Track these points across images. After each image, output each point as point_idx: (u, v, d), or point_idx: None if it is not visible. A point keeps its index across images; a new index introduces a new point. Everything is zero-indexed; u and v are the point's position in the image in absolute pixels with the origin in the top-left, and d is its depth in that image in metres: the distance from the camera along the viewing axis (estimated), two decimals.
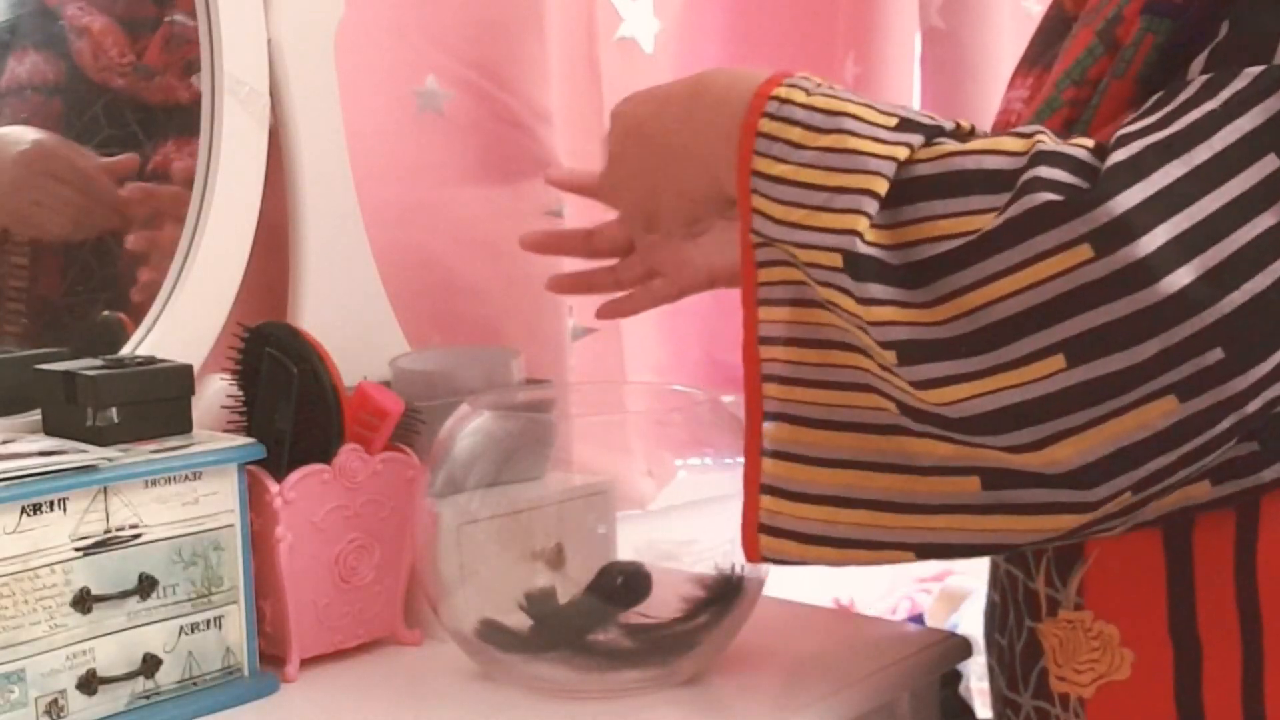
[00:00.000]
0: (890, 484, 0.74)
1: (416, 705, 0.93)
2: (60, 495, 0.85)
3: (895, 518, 0.75)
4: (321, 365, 0.97)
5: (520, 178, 1.32)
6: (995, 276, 0.67)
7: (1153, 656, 0.77)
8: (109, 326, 1.09)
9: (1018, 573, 0.85)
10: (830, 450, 0.76)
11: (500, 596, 0.93)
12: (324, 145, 1.15)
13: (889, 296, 0.69)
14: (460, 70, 1.30)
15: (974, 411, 0.69)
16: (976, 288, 0.68)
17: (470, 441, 0.95)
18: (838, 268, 0.71)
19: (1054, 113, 0.78)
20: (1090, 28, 0.79)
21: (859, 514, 0.75)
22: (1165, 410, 0.66)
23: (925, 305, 0.69)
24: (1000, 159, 0.69)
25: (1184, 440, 0.67)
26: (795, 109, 0.75)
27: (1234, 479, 0.72)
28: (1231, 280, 0.65)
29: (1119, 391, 0.66)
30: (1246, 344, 0.66)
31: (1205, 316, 0.65)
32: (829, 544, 0.77)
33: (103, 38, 1.09)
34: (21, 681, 0.83)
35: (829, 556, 0.78)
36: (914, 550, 0.75)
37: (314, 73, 1.14)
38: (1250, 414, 0.67)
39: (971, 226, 0.68)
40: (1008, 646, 0.87)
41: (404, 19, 1.28)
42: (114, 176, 1.10)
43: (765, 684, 0.93)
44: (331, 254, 1.15)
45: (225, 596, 0.93)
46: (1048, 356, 0.66)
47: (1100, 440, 0.67)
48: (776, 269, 0.77)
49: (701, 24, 1.69)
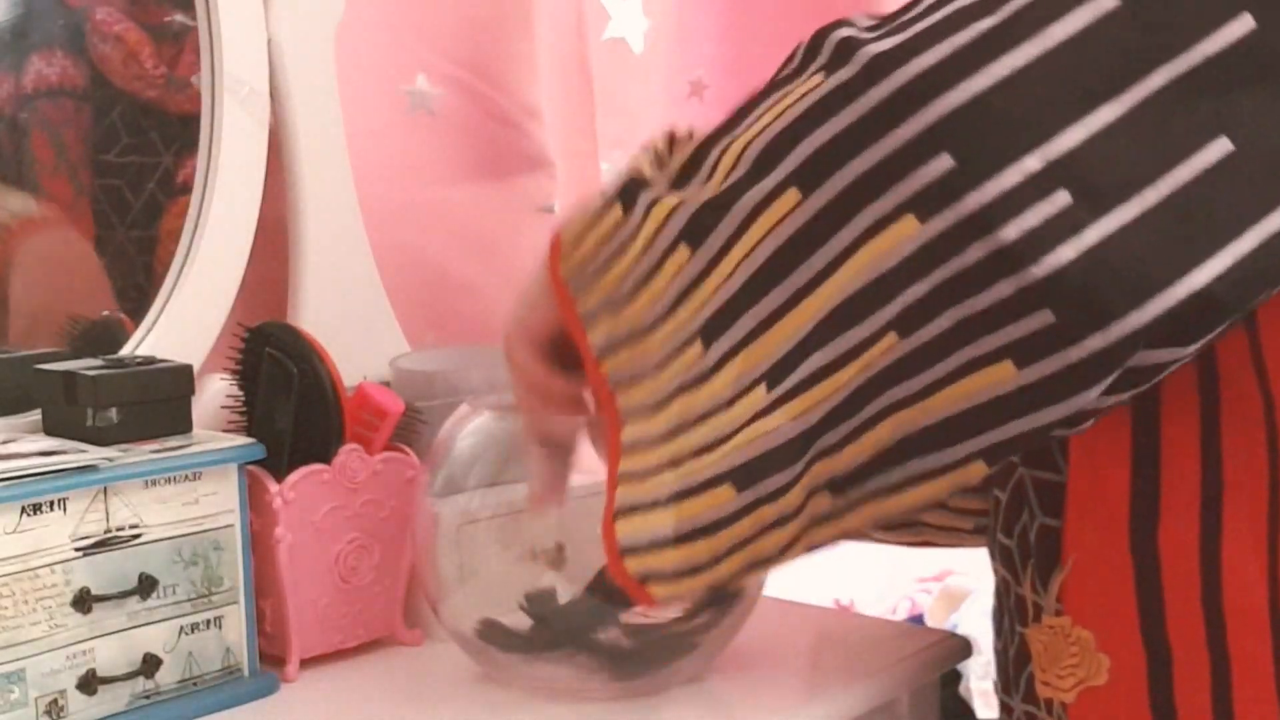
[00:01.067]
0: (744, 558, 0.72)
1: (416, 705, 0.93)
2: (60, 495, 0.85)
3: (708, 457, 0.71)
4: (321, 365, 0.97)
5: (512, 175, 1.32)
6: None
7: (1127, 661, 0.76)
8: (109, 326, 1.09)
9: (1008, 577, 0.85)
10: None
11: (500, 596, 0.93)
12: (324, 145, 1.15)
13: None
14: (450, 69, 1.30)
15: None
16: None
17: (470, 441, 0.95)
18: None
19: None
20: None
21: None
22: (906, 233, 0.64)
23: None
24: None
25: (934, 264, 0.64)
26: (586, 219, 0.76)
27: (1039, 359, 0.65)
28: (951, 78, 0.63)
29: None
30: (977, 149, 0.62)
31: (927, 114, 0.63)
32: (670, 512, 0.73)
33: (139, 48, 1.09)
34: (21, 681, 0.83)
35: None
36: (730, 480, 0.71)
37: (314, 73, 1.14)
38: (1006, 245, 0.62)
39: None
40: (1002, 651, 0.87)
41: (395, 19, 1.28)
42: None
43: (765, 684, 0.94)
44: (331, 254, 1.16)
45: (225, 596, 0.93)
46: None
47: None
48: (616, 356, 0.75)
49: (691, 23, 1.69)
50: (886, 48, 0.64)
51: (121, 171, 1.12)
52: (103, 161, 1.12)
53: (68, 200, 1.11)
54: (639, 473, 0.73)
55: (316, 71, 1.14)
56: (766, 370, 0.69)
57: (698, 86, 1.71)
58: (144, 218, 1.13)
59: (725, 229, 0.69)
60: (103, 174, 1.12)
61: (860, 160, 0.65)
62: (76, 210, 1.11)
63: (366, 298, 1.18)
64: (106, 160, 1.12)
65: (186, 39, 1.12)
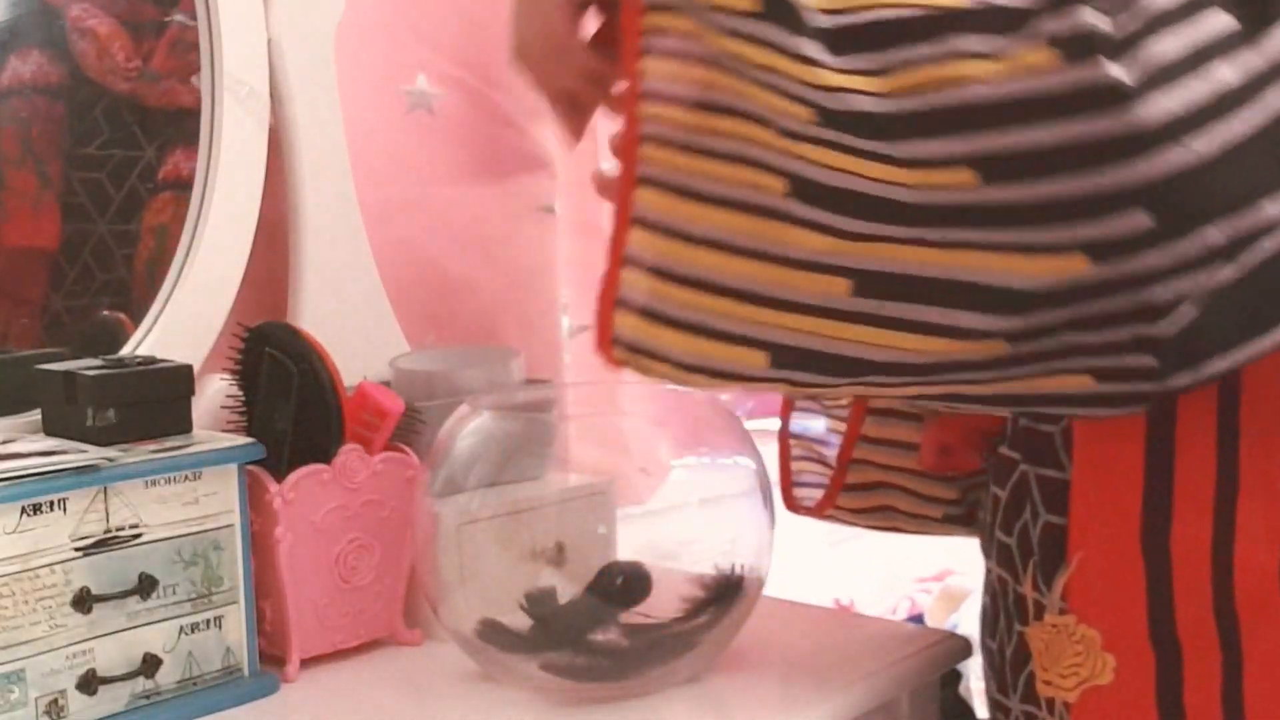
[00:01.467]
0: (758, 272, 0.68)
1: (416, 705, 0.93)
2: (60, 495, 0.85)
3: (756, 310, 0.69)
4: (321, 365, 0.97)
5: (512, 175, 1.32)
6: (955, 57, 0.63)
7: (1134, 661, 0.76)
8: (109, 326, 1.09)
9: (1007, 576, 0.85)
10: (702, 226, 0.69)
11: (500, 596, 0.93)
12: (323, 145, 1.15)
13: (829, 61, 0.64)
14: (450, 69, 1.30)
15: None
16: (932, 64, 0.63)
17: (470, 441, 0.95)
18: (757, 13, 0.65)
19: None
20: None
21: (720, 301, 0.69)
22: (1071, 268, 0.64)
23: (870, 73, 0.64)
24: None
25: (1079, 301, 0.64)
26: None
27: (1118, 381, 0.67)
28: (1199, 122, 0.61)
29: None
30: (1177, 216, 0.62)
31: (1149, 167, 0.61)
32: (682, 328, 0.70)
33: (110, 41, 1.09)
34: (22, 681, 0.83)
35: (677, 344, 0.71)
36: (767, 351, 0.69)
37: (314, 73, 1.14)
38: (1154, 303, 0.64)
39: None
40: (998, 650, 0.87)
41: (394, 19, 1.28)
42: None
43: (765, 684, 0.94)
44: (331, 254, 1.16)
45: (225, 596, 0.93)
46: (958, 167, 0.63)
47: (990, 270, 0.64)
48: (665, 15, 0.69)
49: None
50: (1133, 74, 0.61)
51: (101, 165, 1.12)
52: (80, 155, 1.11)
53: (31, 194, 1.10)
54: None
55: (316, 71, 1.14)
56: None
57: None
58: (125, 212, 1.12)
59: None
60: (80, 168, 1.11)
61: (1058, 184, 0.63)
62: (41, 204, 1.10)
63: (366, 298, 1.18)
64: (85, 154, 1.11)
65: (164, 34, 1.11)
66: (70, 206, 1.11)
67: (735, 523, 0.96)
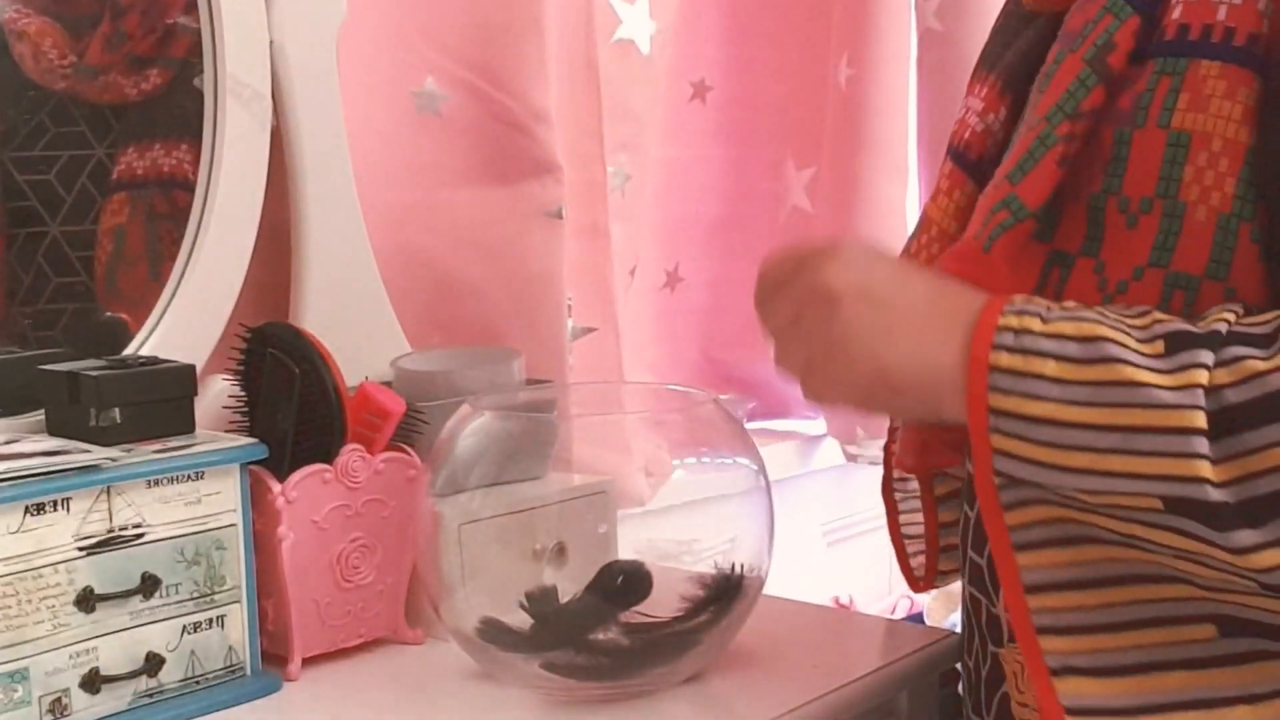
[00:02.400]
0: (1224, 718, 0.70)
1: (418, 704, 0.94)
2: (63, 495, 0.85)
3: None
4: (323, 365, 0.98)
5: (519, 179, 1.32)
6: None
7: None
8: (112, 327, 1.10)
9: (980, 597, 0.85)
10: (1141, 697, 0.70)
11: (501, 596, 0.94)
12: (326, 147, 1.16)
13: (1260, 540, 0.64)
14: (459, 71, 1.30)
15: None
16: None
17: (471, 442, 0.95)
18: (1157, 509, 0.66)
19: (1048, 150, 0.74)
20: (1077, 55, 0.76)
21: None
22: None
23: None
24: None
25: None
26: (1039, 339, 0.68)
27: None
28: None
29: None
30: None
31: None
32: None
33: (40, 39, 1.08)
34: (25, 680, 0.84)
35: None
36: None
37: (316, 74, 1.15)
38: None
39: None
40: (973, 669, 0.87)
41: (403, 21, 1.28)
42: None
43: (765, 683, 0.94)
44: (333, 255, 1.16)
45: (228, 596, 0.93)
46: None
47: None
48: (1028, 510, 0.71)
49: (697, 26, 1.70)
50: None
51: (48, 165, 1.10)
52: (22, 158, 1.10)
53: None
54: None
55: (318, 73, 1.15)
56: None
57: (700, 88, 1.72)
58: (78, 213, 1.11)
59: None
60: (24, 170, 1.10)
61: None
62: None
63: (368, 298, 1.18)
64: (28, 156, 1.10)
65: (98, 28, 1.10)
66: (18, 210, 1.10)
67: (735, 523, 0.96)
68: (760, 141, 1.77)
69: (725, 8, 1.72)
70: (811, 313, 0.73)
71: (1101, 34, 0.76)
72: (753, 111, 1.76)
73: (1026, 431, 0.68)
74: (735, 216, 1.77)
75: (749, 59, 1.75)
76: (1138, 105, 0.74)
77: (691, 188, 1.74)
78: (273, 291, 1.16)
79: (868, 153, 1.68)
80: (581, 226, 1.43)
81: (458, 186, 1.31)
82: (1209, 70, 0.72)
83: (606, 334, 1.46)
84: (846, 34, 1.69)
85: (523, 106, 1.31)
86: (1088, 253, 0.74)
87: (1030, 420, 0.68)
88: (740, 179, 1.77)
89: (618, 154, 1.48)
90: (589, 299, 1.45)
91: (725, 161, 1.76)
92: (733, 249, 1.77)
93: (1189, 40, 0.73)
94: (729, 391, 1.81)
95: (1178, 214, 0.71)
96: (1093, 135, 0.75)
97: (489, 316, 1.32)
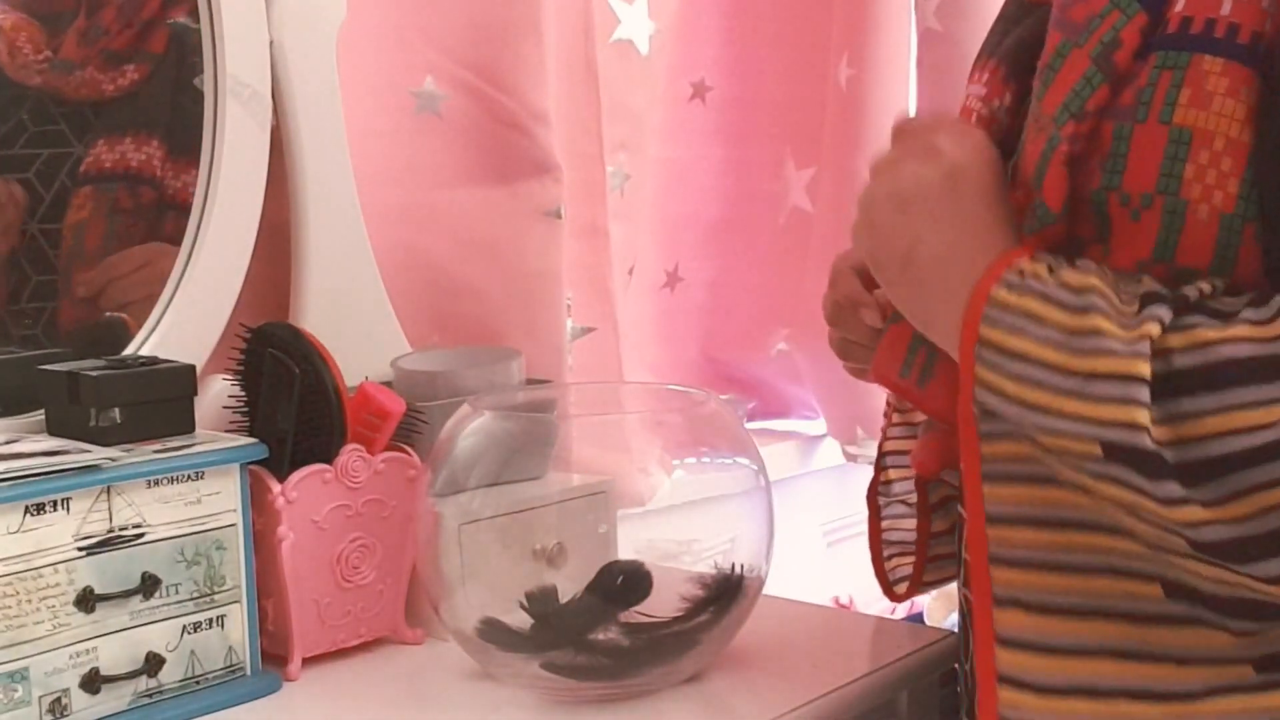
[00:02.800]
0: (1150, 673, 0.71)
1: (418, 704, 0.94)
2: (64, 495, 0.85)
3: (1154, 707, 0.71)
4: (323, 366, 0.98)
5: (518, 179, 1.32)
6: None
7: None
8: (112, 327, 1.10)
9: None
10: (1076, 639, 0.72)
11: (501, 596, 0.94)
12: (326, 147, 1.16)
13: (1188, 495, 0.66)
14: (458, 72, 1.30)
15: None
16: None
17: (471, 441, 0.96)
18: (1097, 456, 0.68)
19: (1055, 151, 0.74)
20: (1083, 51, 0.75)
21: (1113, 705, 0.71)
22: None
23: (1219, 503, 0.66)
24: (1252, 346, 0.66)
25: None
26: (1040, 282, 0.71)
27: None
28: None
29: None
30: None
31: None
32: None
33: (14, 34, 1.07)
34: (25, 680, 0.84)
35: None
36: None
37: (315, 74, 1.15)
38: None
39: (1270, 419, 0.65)
40: (971, 672, 0.86)
41: (402, 21, 1.28)
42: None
43: (765, 683, 0.94)
44: (333, 255, 1.16)
45: (228, 596, 0.93)
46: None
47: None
48: (1002, 443, 0.72)
49: (696, 26, 1.70)
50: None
51: (28, 164, 1.10)
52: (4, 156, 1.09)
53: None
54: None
55: (318, 73, 1.15)
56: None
57: (700, 88, 1.72)
58: (55, 210, 1.11)
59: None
60: (2, 168, 1.09)
61: None
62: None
63: (368, 299, 1.18)
64: (8, 155, 1.09)
65: (73, 23, 1.09)
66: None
67: (735, 523, 0.97)
68: (760, 141, 1.77)
69: (725, 8, 1.72)
70: (905, 161, 0.77)
71: (1108, 31, 0.75)
72: (753, 111, 1.76)
73: (1004, 364, 0.70)
74: (735, 216, 1.77)
75: (749, 59, 1.75)
76: (1139, 100, 0.73)
77: (691, 188, 1.74)
78: (273, 291, 1.16)
79: (867, 153, 1.68)
80: (581, 226, 1.43)
81: (457, 186, 1.31)
82: (1211, 66, 0.72)
83: (606, 334, 1.46)
84: (846, 34, 1.69)
85: (522, 106, 1.31)
86: (1100, 239, 0.75)
87: (1009, 354, 0.70)
88: (740, 179, 1.77)
89: (617, 154, 1.48)
90: (588, 299, 1.45)
91: (725, 161, 1.76)
92: (733, 249, 1.77)
93: (1191, 34, 0.73)
94: (729, 391, 1.81)
95: (1179, 211, 0.71)
96: (1092, 131, 0.75)
97: (489, 316, 1.32)
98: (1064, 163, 0.75)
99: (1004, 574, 0.73)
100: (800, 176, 1.77)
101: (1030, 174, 0.76)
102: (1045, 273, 0.71)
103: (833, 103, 1.72)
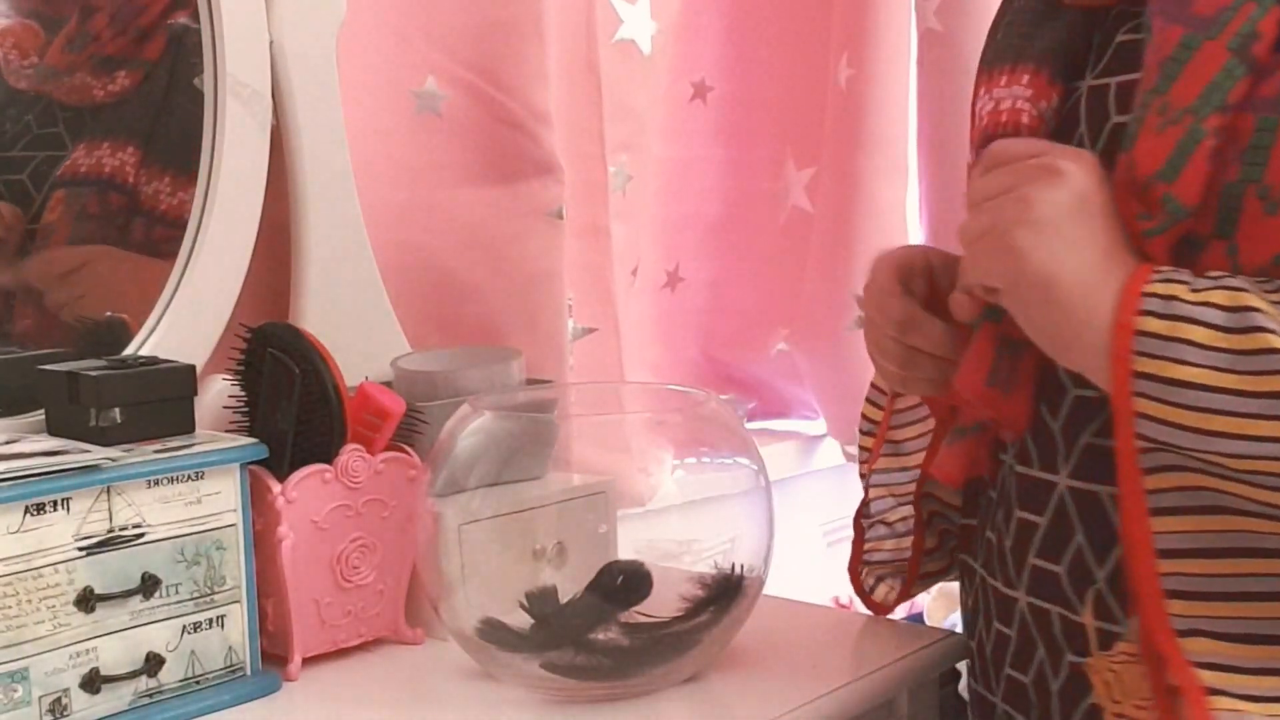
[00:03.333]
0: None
1: (418, 704, 0.94)
2: (63, 495, 0.85)
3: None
4: (323, 365, 0.98)
5: (519, 179, 1.32)
6: None
7: None
8: (112, 327, 1.10)
9: (1048, 606, 0.83)
10: (1261, 660, 0.73)
11: (501, 596, 0.94)
12: (326, 147, 1.16)
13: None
14: (459, 72, 1.30)
15: None
16: None
17: (471, 441, 0.96)
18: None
19: (1198, 145, 0.73)
20: (1218, 43, 0.74)
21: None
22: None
23: None
24: None
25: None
26: (1187, 305, 0.71)
27: None
28: None
29: None
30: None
31: None
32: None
33: (3, 39, 1.07)
34: (25, 680, 0.84)
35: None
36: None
37: (316, 74, 1.15)
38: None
39: None
40: (1033, 684, 0.85)
41: (403, 21, 1.28)
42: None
43: (765, 683, 0.94)
44: (333, 255, 1.16)
45: (228, 596, 0.93)
46: None
47: None
48: (1169, 475, 0.73)
49: (698, 26, 1.70)
50: None
51: (22, 167, 1.10)
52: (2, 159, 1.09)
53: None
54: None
55: (318, 73, 1.15)
56: None
57: (701, 89, 1.72)
58: (39, 214, 1.10)
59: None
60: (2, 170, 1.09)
61: None
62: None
63: (368, 299, 1.18)
64: (6, 157, 1.09)
65: (62, 29, 1.09)
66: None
67: (735, 523, 0.96)
68: (760, 141, 1.77)
69: (725, 8, 1.72)
70: (1031, 187, 0.76)
71: (1245, 22, 0.74)
72: (753, 111, 1.76)
73: (1170, 395, 0.70)
74: (735, 216, 1.77)
75: (749, 59, 1.75)
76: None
77: (692, 188, 1.74)
78: (273, 291, 1.16)
79: (868, 153, 1.68)
80: (582, 226, 1.43)
81: (458, 186, 1.31)
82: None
83: (607, 334, 1.46)
84: (846, 34, 1.69)
85: (523, 107, 1.31)
86: (1222, 234, 0.74)
87: (1174, 384, 0.70)
88: (740, 179, 1.77)
89: (618, 154, 1.48)
90: (589, 299, 1.45)
91: (725, 161, 1.76)
92: (733, 249, 1.77)
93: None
94: (729, 391, 1.81)
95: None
96: (1230, 124, 0.74)
97: (489, 316, 1.32)
98: (1208, 157, 0.73)
99: (1179, 607, 0.73)
100: (800, 176, 1.77)
101: (1155, 169, 0.75)
102: (1187, 293, 0.71)
103: (833, 103, 1.72)
